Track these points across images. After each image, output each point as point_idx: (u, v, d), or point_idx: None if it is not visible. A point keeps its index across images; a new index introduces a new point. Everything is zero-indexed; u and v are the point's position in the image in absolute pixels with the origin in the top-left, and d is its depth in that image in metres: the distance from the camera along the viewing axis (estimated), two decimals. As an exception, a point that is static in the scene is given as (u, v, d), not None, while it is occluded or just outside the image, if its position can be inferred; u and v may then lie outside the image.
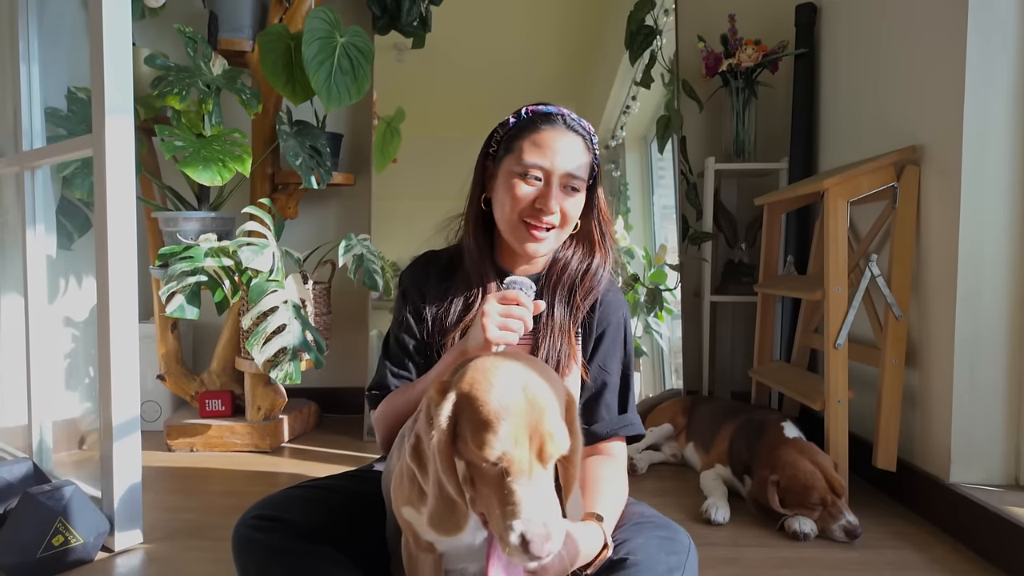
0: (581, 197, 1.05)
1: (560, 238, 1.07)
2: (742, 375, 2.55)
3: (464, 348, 0.96)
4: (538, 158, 1.01)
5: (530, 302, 0.92)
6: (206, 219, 2.03)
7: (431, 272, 1.13)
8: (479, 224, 1.11)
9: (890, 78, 1.84)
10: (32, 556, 1.24)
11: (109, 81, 1.34)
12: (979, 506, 1.41)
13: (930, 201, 1.64)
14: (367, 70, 2.07)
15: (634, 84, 2.45)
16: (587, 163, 1.05)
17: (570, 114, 1.06)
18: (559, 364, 1.03)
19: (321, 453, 2.14)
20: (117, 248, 1.37)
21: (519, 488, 0.64)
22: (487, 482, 0.66)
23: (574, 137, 1.04)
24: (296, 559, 0.93)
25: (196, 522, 1.56)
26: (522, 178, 1.02)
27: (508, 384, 0.69)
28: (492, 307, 0.92)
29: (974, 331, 1.52)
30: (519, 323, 0.91)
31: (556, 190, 1.01)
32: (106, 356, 1.38)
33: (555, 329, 1.04)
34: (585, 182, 1.05)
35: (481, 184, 1.11)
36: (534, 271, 1.12)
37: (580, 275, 1.09)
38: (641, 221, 2.49)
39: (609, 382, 1.08)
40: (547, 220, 1.02)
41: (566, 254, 1.10)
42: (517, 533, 0.62)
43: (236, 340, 2.23)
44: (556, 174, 1.01)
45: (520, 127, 1.05)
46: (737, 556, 1.41)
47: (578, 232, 1.10)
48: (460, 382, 0.70)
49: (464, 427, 0.67)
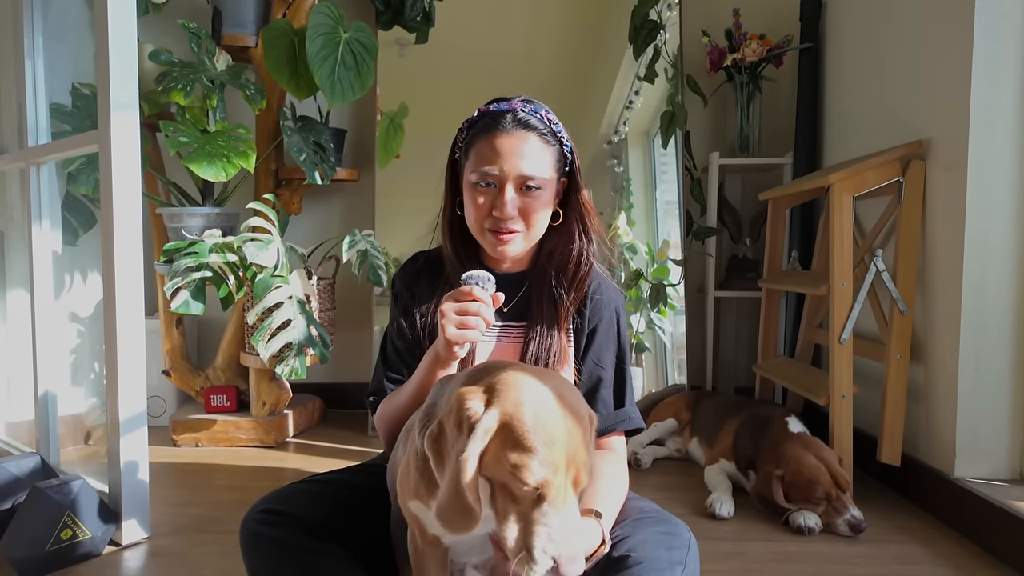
0: (543, 195, 1.02)
1: (532, 236, 1.04)
2: (746, 370, 2.55)
3: (435, 351, 0.96)
4: (487, 165, 0.99)
5: (487, 296, 0.91)
6: (210, 215, 2.03)
7: (421, 274, 1.13)
8: (455, 227, 1.10)
9: (896, 72, 1.83)
10: (41, 550, 1.25)
11: (115, 77, 1.34)
12: (984, 501, 1.41)
13: (936, 196, 1.63)
14: (371, 65, 2.07)
15: (637, 79, 2.44)
16: (547, 157, 1.01)
17: (522, 107, 1.02)
18: (549, 359, 1.02)
19: (326, 448, 2.14)
20: (123, 244, 1.38)
21: (555, 514, 0.66)
22: (516, 502, 0.67)
23: (525, 134, 1.00)
24: (303, 553, 0.94)
25: (202, 516, 1.57)
26: (477, 187, 1.01)
27: (552, 411, 0.69)
28: (447, 306, 0.91)
29: (980, 325, 1.52)
30: (477, 319, 0.90)
31: (510, 195, 0.99)
32: (113, 351, 1.39)
33: (544, 323, 1.04)
34: (549, 178, 1.02)
35: (453, 188, 1.10)
36: (520, 268, 1.11)
37: (565, 267, 1.07)
38: (644, 217, 2.48)
39: (604, 377, 1.06)
40: (507, 225, 1.00)
41: (550, 247, 1.09)
42: (549, 557, 0.64)
43: (241, 335, 2.23)
44: (508, 179, 0.99)
45: (473, 131, 1.03)
46: (742, 550, 1.41)
47: (560, 224, 1.08)
48: (502, 399, 0.68)
49: (502, 446, 0.67)
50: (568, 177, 1.07)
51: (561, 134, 1.05)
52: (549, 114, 1.05)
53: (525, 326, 1.06)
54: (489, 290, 0.93)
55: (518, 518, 0.67)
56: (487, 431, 0.67)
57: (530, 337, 1.04)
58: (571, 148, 1.06)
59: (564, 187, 1.08)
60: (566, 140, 1.05)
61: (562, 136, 1.05)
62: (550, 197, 1.04)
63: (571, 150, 1.06)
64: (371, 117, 2.48)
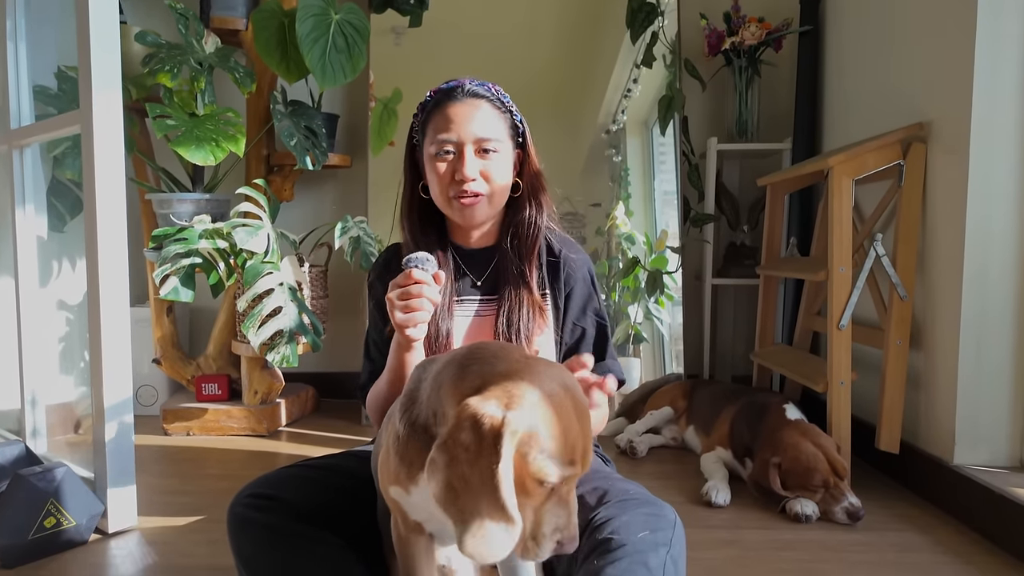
0: (501, 157, 1.06)
1: (494, 200, 1.08)
2: (743, 359, 2.53)
3: (396, 339, 0.99)
4: (445, 133, 1.04)
5: (428, 276, 0.93)
6: (200, 201, 2.00)
7: (392, 266, 1.14)
8: (415, 214, 1.13)
9: (897, 54, 1.80)
10: (24, 538, 1.23)
11: (96, 55, 1.31)
12: (983, 487, 1.40)
13: (937, 179, 1.60)
14: (362, 48, 2.03)
15: (635, 66, 2.41)
16: (501, 123, 1.06)
17: (472, 81, 1.07)
18: (522, 327, 1.05)
19: (319, 437, 2.12)
20: (107, 225, 1.35)
21: (565, 505, 0.67)
22: (528, 496, 0.66)
23: (477, 101, 1.05)
24: (291, 538, 0.92)
25: (192, 505, 1.55)
26: (438, 157, 1.05)
27: (566, 408, 0.68)
28: (392, 293, 0.93)
29: (981, 311, 1.49)
30: (421, 300, 0.92)
31: (470, 157, 1.03)
32: (97, 337, 1.36)
33: (514, 293, 1.07)
34: (504, 141, 1.06)
35: (414, 174, 1.14)
36: (488, 242, 1.14)
37: (522, 236, 1.11)
38: (642, 207, 2.46)
39: (585, 336, 1.11)
40: (470, 188, 1.03)
41: (510, 218, 1.13)
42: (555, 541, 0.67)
43: (232, 324, 2.20)
44: (466, 142, 1.03)
45: (428, 111, 1.08)
46: (738, 538, 1.39)
47: (520, 194, 1.11)
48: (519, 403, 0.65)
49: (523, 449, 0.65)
50: (522, 150, 1.11)
51: (510, 104, 1.09)
52: (497, 87, 1.09)
53: (497, 297, 1.09)
54: (429, 270, 0.94)
55: (529, 511, 0.66)
56: (514, 435, 0.63)
57: (502, 308, 1.07)
58: (521, 119, 1.11)
59: (519, 159, 1.12)
60: (516, 111, 1.10)
61: (512, 107, 1.09)
62: (508, 162, 1.08)
63: (521, 120, 1.11)
64: (364, 102, 2.44)
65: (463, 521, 0.63)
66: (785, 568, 1.26)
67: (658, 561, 0.80)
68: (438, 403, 0.71)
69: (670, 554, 0.82)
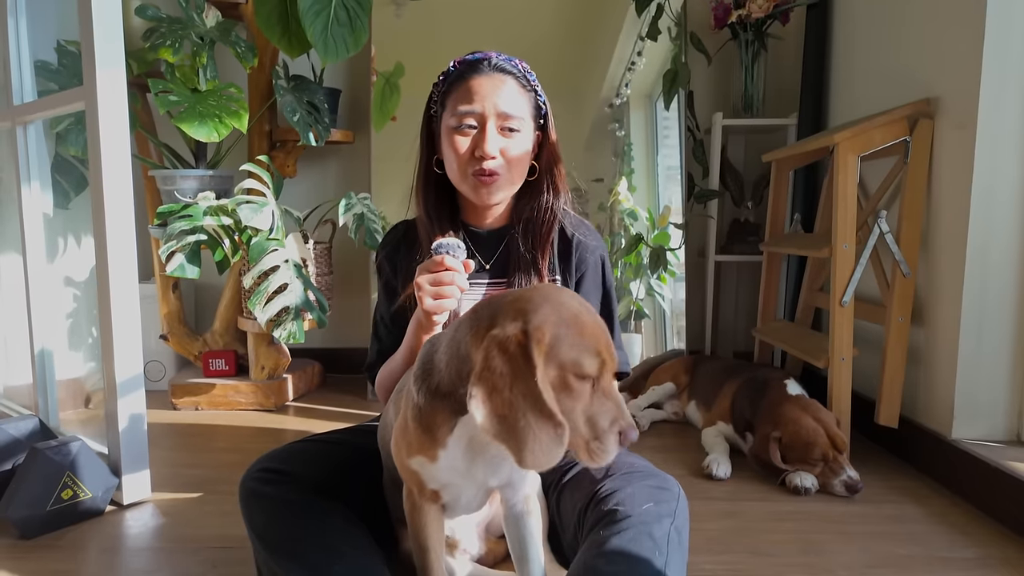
0: (522, 137, 1.03)
1: (513, 182, 1.05)
2: (745, 335, 2.54)
3: (417, 319, 0.99)
4: (468, 105, 1.01)
5: (459, 263, 0.92)
6: (204, 177, 2.00)
7: (401, 244, 1.14)
8: (431, 189, 1.11)
9: (906, 28, 1.78)
10: (42, 509, 1.26)
11: (98, 30, 1.29)
12: (980, 461, 1.42)
13: (943, 155, 1.60)
14: (364, 21, 2.00)
15: (640, 39, 2.37)
16: (525, 102, 1.03)
17: (498, 55, 1.03)
18: None
19: (326, 411, 2.15)
20: (114, 203, 1.35)
21: (612, 392, 0.69)
22: (576, 398, 0.68)
23: (504, 77, 1.02)
24: (301, 511, 0.94)
25: (203, 477, 1.58)
26: (458, 130, 1.02)
27: (576, 308, 0.71)
28: (422, 279, 0.93)
29: (982, 287, 1.50)
30: (452, 287, 0.92)
31: (492, 133, 1.00)
32: (107, 313, 1.38)
33: (524, 278, 1.06)
34: (527, 121, 1.03)
35: (430, 147, 1.11)
36: (500, 224, 1.12)
37: (535, 220, 1.08)
38: (645, 182, 2.44)
39: None
40: (489, 166, 1.01)
41: (524, 201, 1.10)
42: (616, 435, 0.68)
43: (238, 300, 2.22)
44: (489, 117, 1.00)
45: (450, 81, 1.04)
46: (738, 510, 1.42)
47: (536, 177, 1.09)
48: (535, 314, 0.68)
49: (553, 352, 0.68)
50: (542, 131, 1.08)
51: (535, 83, 1.05)
52: (524, 64, 1.05)
53: (506, 281, 1.08)
54: (460, 257, 0.94)
55: (582, 414, 0.68)
56: (539, 343, 0.67)
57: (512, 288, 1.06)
58: (544, 100, 1.07)
59: (539, 141, 1.09)
60: (540, 91, 1.06)
61: (536, 86, 1.05)
62: (529, 143, 1.05)
63: (545, 101, 1.07)
64: (366, 77, 2.42)
65: (519, 441, 0.65)
66: (784, 539, 1.29)
67: (662, 532, 0.83)
68: (462, 362, 0.72)
69: (674, 525, 0.85)
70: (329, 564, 0.88)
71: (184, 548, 1.24)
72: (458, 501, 0.83)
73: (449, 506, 0.84)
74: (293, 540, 0.91)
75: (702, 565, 1.17)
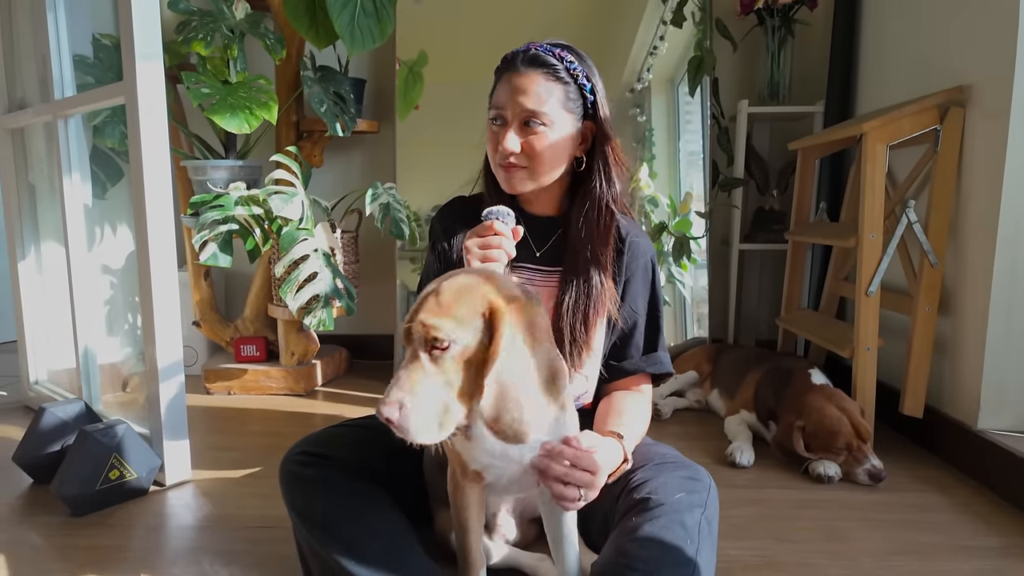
0: (549, 131, 1.02)
1: (538, 173, 1.05)
2: (768, 324, 2.54)
3: None
4: (495, 103, 1.05)
5: (508, 229, 0.95)
6: (234, 167, 2.04)
7: (457, 217, 1.15)
8: (491, 172, 1.13)
9: (938, 13, 1.75)
10: (92, 488, 1.32)
11: (138, 27, 1.33)
12: (1006, 451, 1.42)
13: (974, 144, 1.58)
14: (390, 11, 2.02)
15: (663, 23, 2.36)
16: (556, 94, 1.02)
17: (539, 46, 1.04)
18: (587, 306, 1.04)
19: (353, 396, 2.20)
20: (154, 194, 1.39)
21: None
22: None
23: (532, 72, 1.02)
24: (341, 493, 0.98)
25: (239, 460, 1.64)
26: (490, 124, 1.06)
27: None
28: (471, 242, 0.95)
29: (1012, 278, 1.49)
30: (499, 251, 0.94)
31: (513, 129, 1.03)
32: (148, 300, 1.43)
33: (579, 270, 1.05)
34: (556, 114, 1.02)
35: None
36: (552, 212, 1.13)
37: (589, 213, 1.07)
38: (666, 168, 2.43)
39: (639, 323, 1.11)
40: (509, 160, 1.04)
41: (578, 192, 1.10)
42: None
43: (268, 288, 2.27)
44: (510, 115, 1.03)
45: (497, 75, 1.08)
46: (762, 497, 1.44)
47: (584, 169, 1.09)
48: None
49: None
50: (593, 121, 1.07)
51: (576, 71, 1.04)
52: (566, 53, 1.04)
53: (560, 272, 1.08)
54: (509, 224, 0.96)
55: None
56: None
57: (566, 284, 1.06)
58: (591, 88, 1.05)
59: (591, 131, 1.08)
60: (584, 79, 1.04)
61: (577, 74, 1.04)
62: (559, 136, 1.04)
63: (591, 90, 1.05)
64: (390, 66, 2.44)
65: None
66: (808, 525, 1.31)
67: (694, 521, 0.85)
68: None
69: (705, 515, 0.87)
70: (367, 543, 0.92)
71: (225, 527, 1.30)
72: (500, 482, 0.86)
73: (492, 486, 0.87)
74: (332, 519, 0.95)
75: (727, 551, 1.20)
